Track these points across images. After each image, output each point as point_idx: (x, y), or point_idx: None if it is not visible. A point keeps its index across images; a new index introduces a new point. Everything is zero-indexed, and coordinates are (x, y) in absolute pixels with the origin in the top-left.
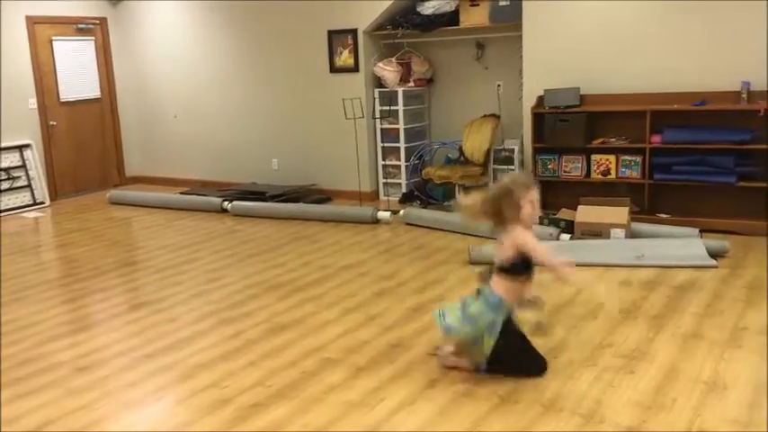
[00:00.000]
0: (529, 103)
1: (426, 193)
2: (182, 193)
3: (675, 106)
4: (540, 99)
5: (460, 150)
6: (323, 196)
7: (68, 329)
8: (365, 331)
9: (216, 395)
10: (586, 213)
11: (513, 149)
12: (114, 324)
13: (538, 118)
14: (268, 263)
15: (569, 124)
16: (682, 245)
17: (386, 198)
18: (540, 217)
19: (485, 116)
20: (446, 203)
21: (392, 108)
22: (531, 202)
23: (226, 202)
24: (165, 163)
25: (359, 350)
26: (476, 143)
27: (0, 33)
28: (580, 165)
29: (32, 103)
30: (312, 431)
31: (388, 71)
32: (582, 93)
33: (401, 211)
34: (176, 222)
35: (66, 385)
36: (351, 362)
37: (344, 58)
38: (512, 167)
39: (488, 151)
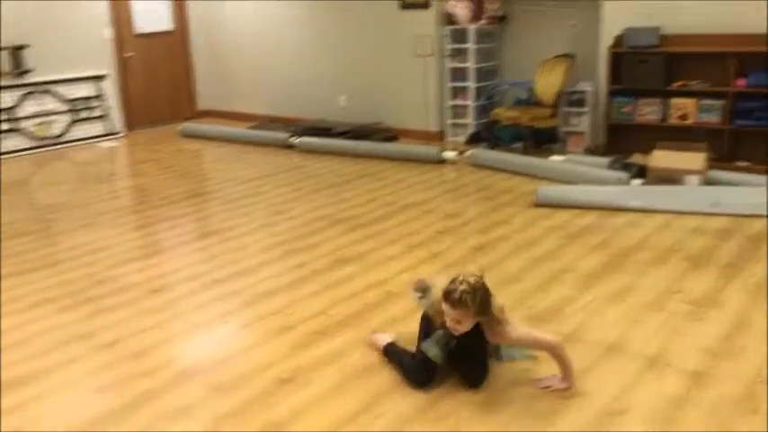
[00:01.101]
0: (606, 42)
1: (494, 135)
2: (250, 128)
3: (763, 48)
4: (619, 39)
5: (531, 91)
6: (389, 135)
7: (140, 254)
8: (427, 267)
9: (280, 321)
10: (661, 158)
11: (587, 91)
12: (184, 250)
13: (615, 58)
14: (333, 198)
15: (648, 65)
16: (759, 193)
17: (452, 138)
18: (610, 161)
19: (558, 56)
20: (514, 145)
21: (462, 46)
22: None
23: (293, 138)
24: (234, 98)
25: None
26: (548, 84)
27: None
28: (657, 108)
29: (108, 34)
30: (372, 361)
31: (460, 8)
32: (663, 33)
33: (468, 152)
34: (244, 156)
35: (139, 305)
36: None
37: None
38: (584, 110)
39: (560, 93)
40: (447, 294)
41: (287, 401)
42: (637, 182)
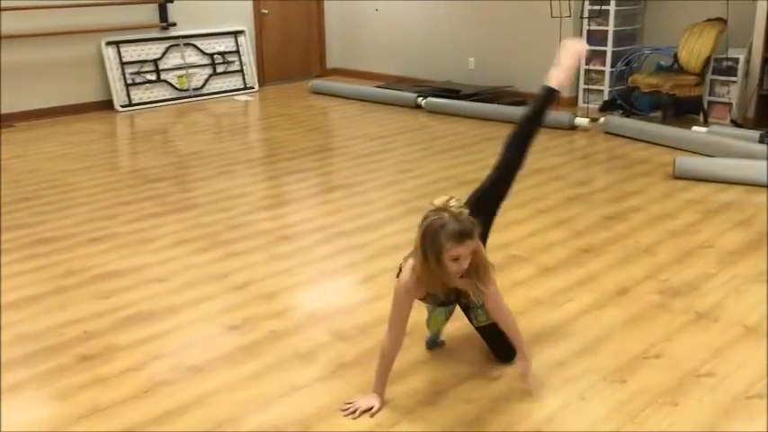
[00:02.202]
0: (764, 6)
1: (630, 103)
2: (378, 87)
3: None
4: None
5: (675, 57)
6: (519, 99)
7: (271, 203)
8: (555, 233)
9: None
10: None
11: (738, 59)
12: (312, 202)
13: None
14: (459, 159)
15: None
16: None
17: (585, 105)
18: (761, 134)
19: (709, 20)
20: (652, 114)
21: (603, 8)
22: (454, 259)
23: (420, 98)
24: (363, 57)
25: (547, 251)
26: (694, 50)
27: None
28: None
29: None
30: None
31: None
32: None
33: (601, 119)
34: (372, 114)
35: (270, 251)
36: (538, 261)
37: None
38: (733, 79)
39: (708, 59)
40: (458, 234)
41: (405, 355)
42: None
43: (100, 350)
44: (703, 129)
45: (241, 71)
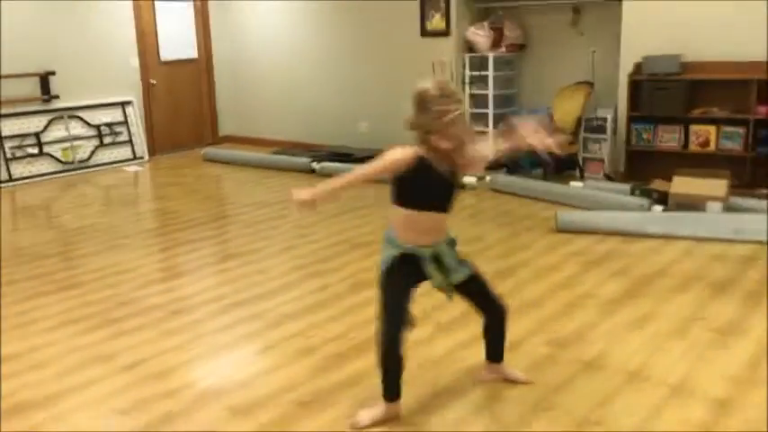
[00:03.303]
0: (626, 70)
1: (513, 161)
2: (273, 153)
3: None
4: (638, 66)
5: (550, 118)
6: None
7: (163, 276)
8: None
9: (301, 344)
10: (682, 185)
11: (606, 118)
12: (206, 273)
13: (635, 86)
14: (353, 222)
15: (668, 92)
16: None
17: None
18: (631, 187)
19: (578, 83)
20: (534, 171)
21: (482, 74)
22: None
23: (314, 163)
24: (256, 123)
25: (442, 308)
26: (566, 111)
27: None
28: (677, 135)
29: (135, 62)
30: None
31: (480, 36)
32: (683, 60)
33: (487, 177)
34: (266, 180)
35: (161, 327)
36: (435, 319)
37: (436, 21)
38: (603, 136)
39: (579, 120)
40: (441, 92)
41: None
42: (658, 208)
43: None
44: (580, 184)
45: (130, 141)
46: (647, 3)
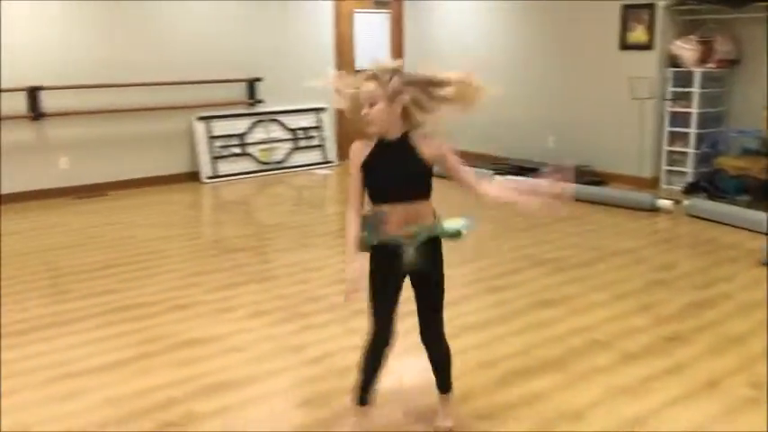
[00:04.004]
0: None
1: (715, 185)
2: None
3: None
4: None
5: (763, 140)
6: (596, 178)
7: (342, 277)
8: (637, 319)
9: (481, 357)
10: None
11: None
12: None
13: None
14: (535, 238)
15: None
16: None
17: (667, 186)
18: None
19: None
20: (738, 198)
21: (686, 90)
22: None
23: (497, 176)
24: (439, 133)
25: (629, 337)
26: None
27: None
28: None
29: (331, 70)
30: (574, 408)
31: (687, 50)
32: None
33: (685, 202)
34: (446, 191)
35: (345, 324)
36: (620, 347)
37: (638, 34)
38: None
39: None
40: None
41: None
42: None
43: (180, 417)
44: None
45: (322, 146)
46: None
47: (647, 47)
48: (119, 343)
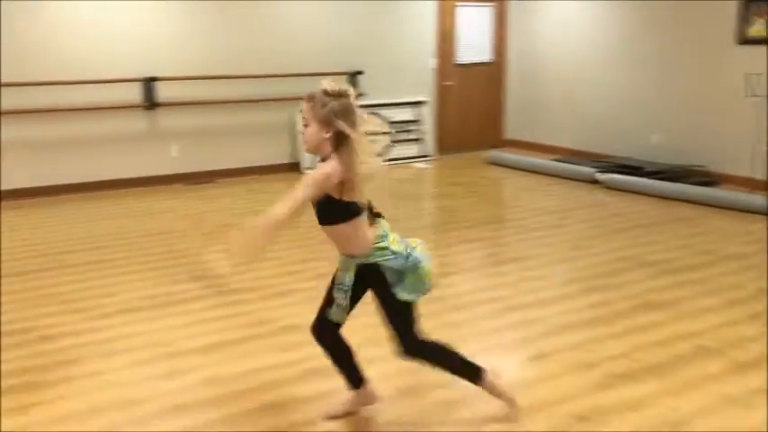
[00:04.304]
0: None
1: None
2: (554, 160)
3: None
4: None
5: None
6: (706, 179)
7: (442, 271)
8: (750, 327)
9: (580, 357)
10: None
11: None
12: (482, 273)
13: None
14: (639, 239)
15: None
16: None
17: None
18: None
19: None
20: None
21: None
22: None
23: (598, 174)
24: (540, 129)
25: (741, 345)
26: None
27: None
28: None
29: (432, 63)
30: (679, 415)
31: None
32: None
33: None
34: (547, 187)
35: (441, 319)
36: (732, 355)
37: (758, 28)
38: None
39: None
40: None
41: None
42: None
43: (283, 399)
44: None
45: (420, 140)
46: None
47: (767, 41)
48: (224, 325)
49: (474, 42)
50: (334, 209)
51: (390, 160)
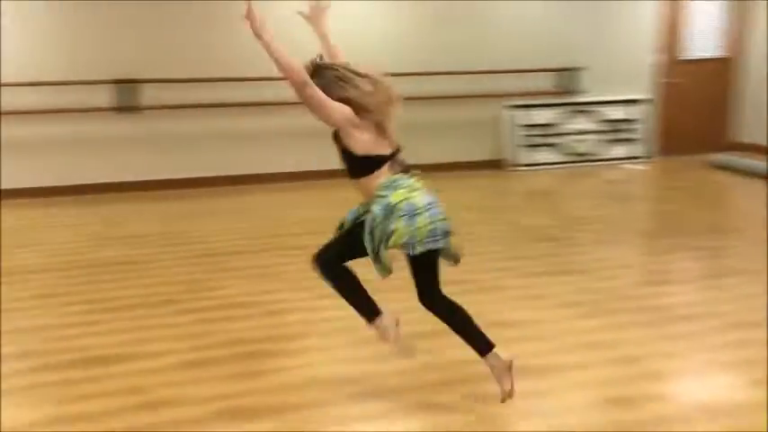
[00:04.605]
0: None
1: None
2: None
3: None
4: None
5: None
6: None
7: (658, 279)
8: None
9: None
10: None
11: None
12: (702, 285)
13: None
14: None
15: None
16: None
17: None
18: None
19: None
20: None
21: None
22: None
23: None
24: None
25: None
26: None
27: None
28: None
29: (653, 59)
30: None
31: None
32: None
33: None
34: None
35: (657, 329)
36: None
37: None
38: None
39: None
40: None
41: None
42: None
43: (483, 395)
44: None
45: (637, 140)
46: None
47: None
48: (427, 316)
49: (704, 36)
50: (355, 164)
51: (603, 160)
